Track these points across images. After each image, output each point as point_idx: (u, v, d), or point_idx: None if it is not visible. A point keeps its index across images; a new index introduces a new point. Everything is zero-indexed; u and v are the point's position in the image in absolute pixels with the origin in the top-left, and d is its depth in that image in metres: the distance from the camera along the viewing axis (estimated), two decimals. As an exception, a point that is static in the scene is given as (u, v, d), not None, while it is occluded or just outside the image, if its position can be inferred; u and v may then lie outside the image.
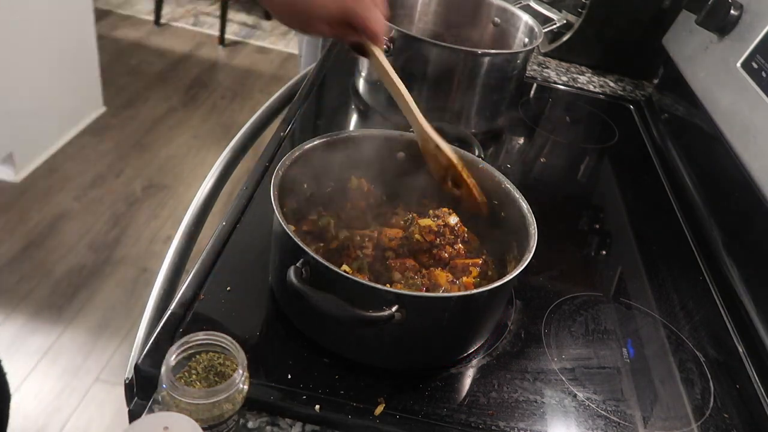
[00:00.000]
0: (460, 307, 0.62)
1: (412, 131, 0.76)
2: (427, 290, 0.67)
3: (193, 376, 0.53)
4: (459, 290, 0.68)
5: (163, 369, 0.50)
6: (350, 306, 0.55)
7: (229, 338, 0.54)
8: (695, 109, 1.09)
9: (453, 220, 0.73)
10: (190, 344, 0.53)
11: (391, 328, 0.57)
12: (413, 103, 0.74)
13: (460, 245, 0.72)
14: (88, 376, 1.74)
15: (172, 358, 0.51)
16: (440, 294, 0.64)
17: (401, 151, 0.79)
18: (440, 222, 0.73)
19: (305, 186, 0.75)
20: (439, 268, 0.70)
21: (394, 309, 0.56)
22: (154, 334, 0.64)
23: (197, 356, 0.54)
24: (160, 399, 0.50)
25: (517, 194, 0.72)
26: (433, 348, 0.66)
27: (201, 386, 0.53)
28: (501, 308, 0.72)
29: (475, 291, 0.59)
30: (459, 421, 0.61)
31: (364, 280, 0.58)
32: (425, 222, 0.73)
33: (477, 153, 0.79)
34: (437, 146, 0.74)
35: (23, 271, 2.00)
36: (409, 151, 0.78)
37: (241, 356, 0.53)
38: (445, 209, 0.75)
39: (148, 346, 0.62)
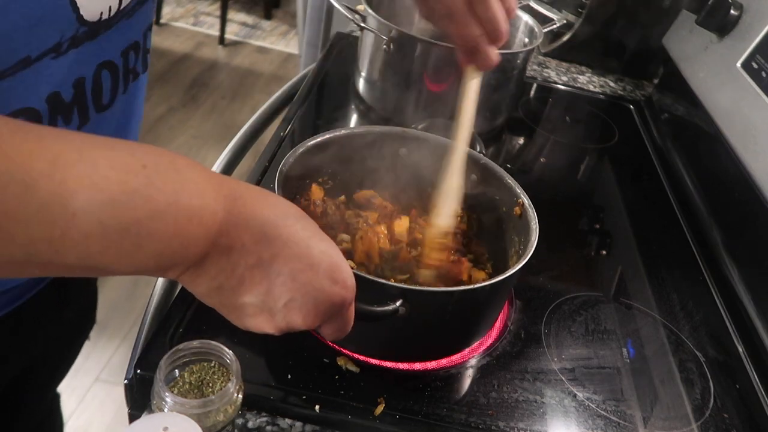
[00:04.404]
0: (463, 302, 0.62)
1: (414, 127, 0.77)
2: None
3: (186, 386, 0.52)
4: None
5: (155, 379, 0.50)
6: (356, 301, 0.55)
7: (224, 348, 0.52)
8: (695, 109, 1.09)
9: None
10: (184, 353, 0.52)
11: (393, 323, 0.57)
12: (464, 154, 0.70)
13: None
14: (88, 376, 1.74)
15: (163, 368, 0.51)
16: (443, 288, 0.64)
17: (403, 147, 0.79)
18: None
19: (307, 182, 0.75)
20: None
21: (398, 303, 0.56)
22: (152, 336, 0.64)
23: (190, 366, 0.53)
24: (153, 408, 0.50)
25: (519, 189, 0.73)
26: (434, 342, 0.66)
27: (193, 397, 0.52)
28: (503, 303, 0.72)
29: (477, 285, 0.60)
30: (459, 421, 0.61)
31: (367, 275, 0.58)
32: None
33: (479, 149, 0.80)
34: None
35: (23, 271, 2.00)
36: (410, 147, 0.78)
37: (235, 367, 0.52)
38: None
39: (145, 349, 0.62)
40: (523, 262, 0.62)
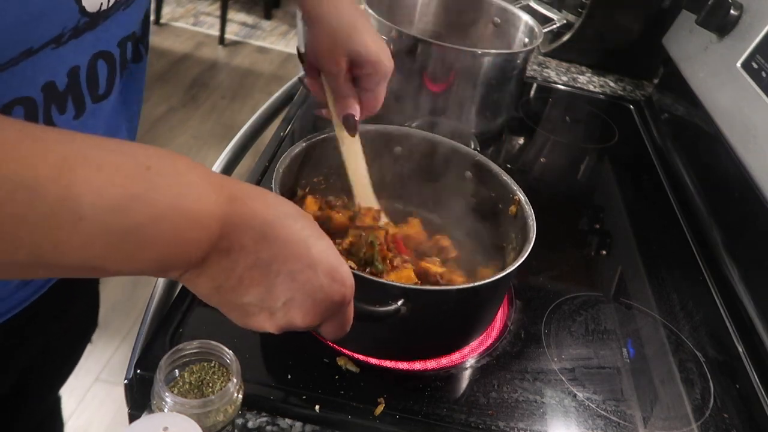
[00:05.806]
0: (464, 300, 0.62)
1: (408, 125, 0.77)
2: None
3: (186, 386, 0.52)
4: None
5: (155, 379, 0.50)
6: (357, 302, 0.55)
7: (224, 348, 0.53)
8: (695, 109, 1.09)
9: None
10: (184, 353, 0.52)
11: (393, 322, 0.57)
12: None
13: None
14: (88, 376, 1.74)
15: (163, 368, 0.51)
16: (444, 287, 0.64)
17: (398, 146, 0.79)
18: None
19: (303, 182, 0.75)
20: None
21: (399, 303, 0.56)
22: (152, 336, 0.64)
23: (191, 366, 0.53)
24: (153, 408, 0.50)
25: (515, 186, 0.73)
26: (434, 341, 0.66)
27: (193, 397, 0.52)
28: (502, 300, 0.72)
29: (478, 283, 0.60)
30: (459, 421, 0.61)
31: (368, 275, 0.58)
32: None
33: (473, 146, 0.80)
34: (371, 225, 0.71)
35: (23, 271, 2.00)
36: (405, 146, 0.79)
37: (235, 367, 0.52)
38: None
39: (145, 349, 0.62)
40: (522, 259, 0.62)
